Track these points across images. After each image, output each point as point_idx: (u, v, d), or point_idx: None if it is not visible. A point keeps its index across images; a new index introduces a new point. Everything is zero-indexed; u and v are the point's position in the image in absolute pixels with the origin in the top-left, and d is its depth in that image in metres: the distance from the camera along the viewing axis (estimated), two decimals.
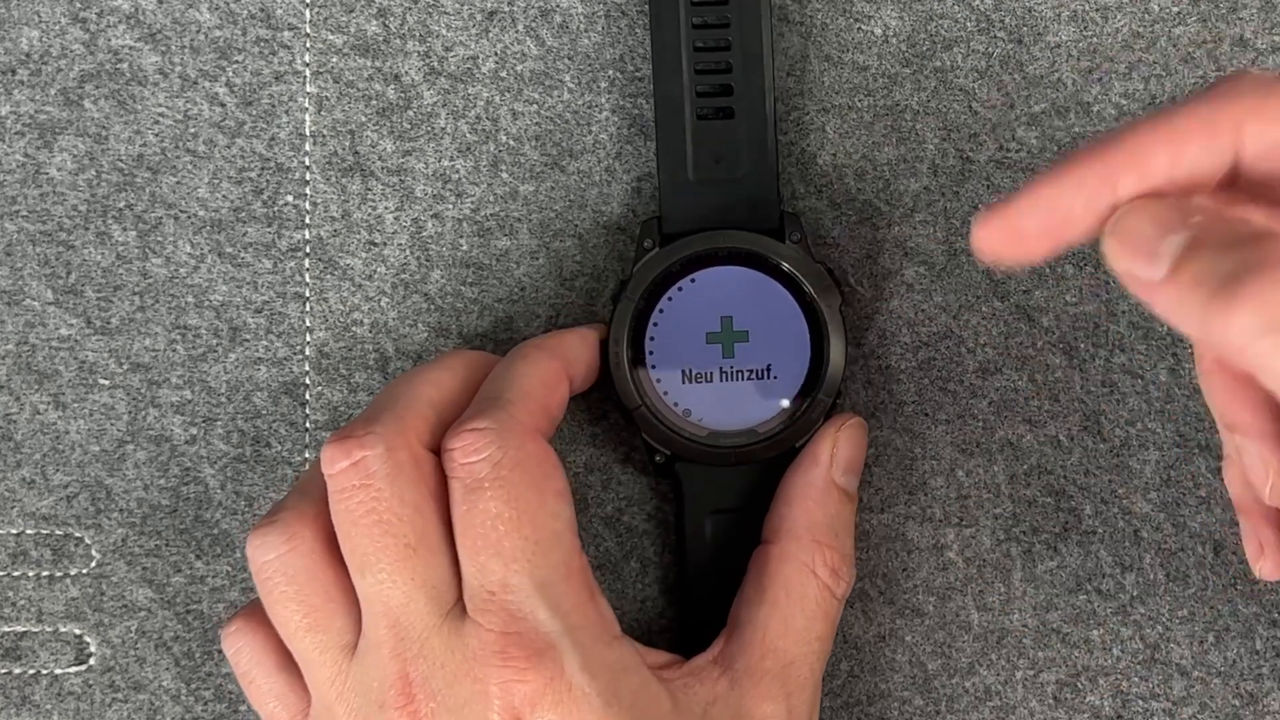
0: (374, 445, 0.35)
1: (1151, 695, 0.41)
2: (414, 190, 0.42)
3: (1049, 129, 0.42)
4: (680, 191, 0.40)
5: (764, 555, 0.38)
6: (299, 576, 0.36)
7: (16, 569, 0.42)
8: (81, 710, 0.41)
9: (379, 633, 0.35)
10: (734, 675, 0.36)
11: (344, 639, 0.36)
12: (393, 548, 0.35)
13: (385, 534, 0.35)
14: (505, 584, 0.34)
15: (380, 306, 0.42)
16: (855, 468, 0.39)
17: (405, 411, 0.36)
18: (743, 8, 0.40)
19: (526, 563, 0.34)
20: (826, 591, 0.38)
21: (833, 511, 0.38)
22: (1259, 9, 0.42)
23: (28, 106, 0.42)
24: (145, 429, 0.42)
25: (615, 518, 0.42)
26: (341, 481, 0.35)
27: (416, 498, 0.35)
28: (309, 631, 0.36)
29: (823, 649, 0.38)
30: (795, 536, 0.38)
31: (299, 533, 0.36)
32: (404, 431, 0.36)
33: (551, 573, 0.35)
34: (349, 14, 0.42)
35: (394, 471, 0.35)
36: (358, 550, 0.35)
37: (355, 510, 0.35)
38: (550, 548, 0.35)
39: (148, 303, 0.42)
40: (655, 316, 0.39)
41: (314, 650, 0.36)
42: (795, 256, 0.39)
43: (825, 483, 0.39)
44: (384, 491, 0.35)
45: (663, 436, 0.39)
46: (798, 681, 0.37)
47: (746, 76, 0.40)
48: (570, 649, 0.34)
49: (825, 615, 0.38)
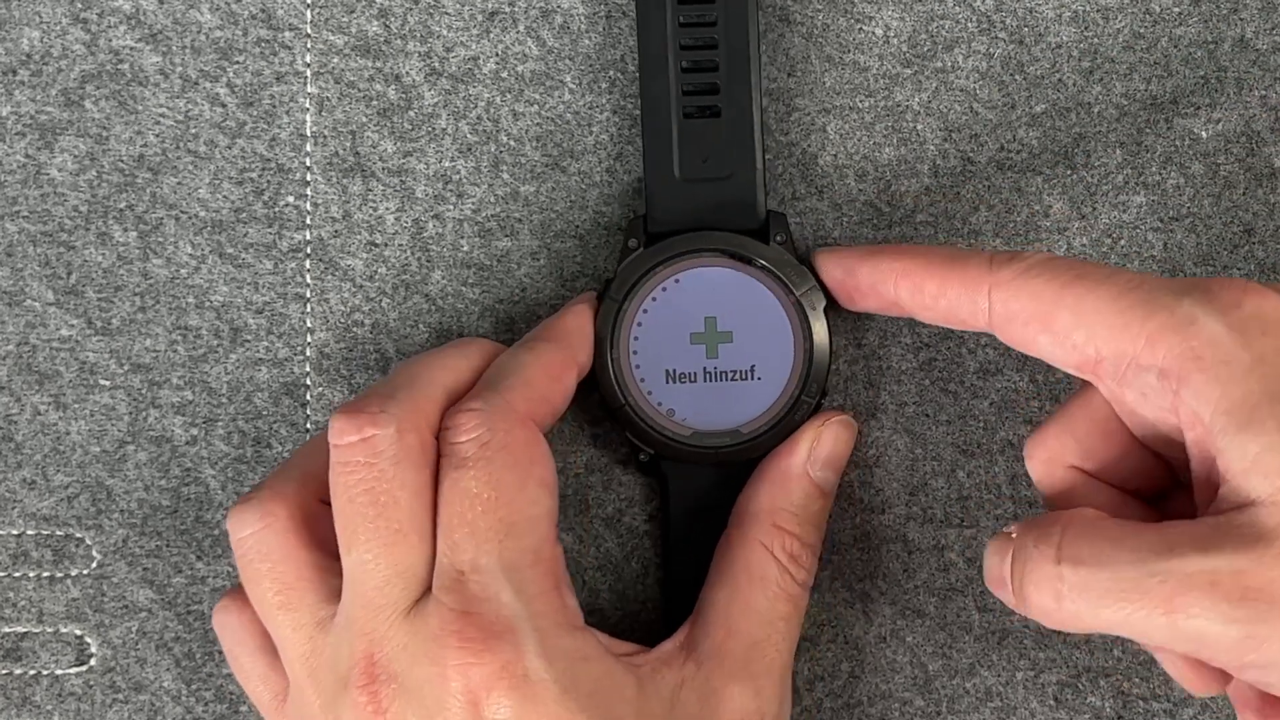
0: (386, 424, 0.35)
1: (1152, 695, 0.41)
2: (415, 191, 0.42)
3: (1049, 129, 0.42)
4: (666, 190, 0.40)
5: (726, 539, 0.38)
6: (273, 554, 0.36)
7: (17, 569, 0.42)
8: (82, 711, 0.41)
9: (354, 610, 0.35)
10: (699, 658, 0.36)
11: (317, 615, 0.36)
12: (383, 530, 0.35)
13: (379, 515, 0.35)
14: (474, 564, 0.34)
15: (381, 307, 0.42)
16: (835, 464, 0.39)
17: (420, 395, 0.36)
18: (729, 7, 0.40)
19: (497, 544, 0.35)
20: (786, 575, 0.37)
21: (798, 499, 0.38)
22: (1259, 9, 0.42)
23: (28, 107, 0.42)
24: (146, 430, 0.42)
25: (615, 518, 0.42)
26: (347, 455, 0.35)
27: (417, 483, 0.35)
28: (281, 609, 0.36)
29: (787, 631, 0.37)
30: (757, 519, 0.38)
31: (274, 510, 0.36)
32: (416, 414, 0.36)
33: (520, 557, 0.35)
34: (350, 14, 0.42)
35: (401, 454, 0.35)
36: (349, 526, 0.35)
37: (355, 486, 0.35)
38: (523, 533, 0.35)
39: (148, 303, 0.42)
40: (639, 316, 0.39)
41: (287, 627, 0.36)
42: (779, 257, 0.39)
43: (798, 471, 0.38)
44: (387, 472, 0.35)
45: (646, 436, 0.39)
46: (764, 663, 0.37)
47: (733, 76, 0.40)
48: (529, 634, 0.34)
49: (788, 598, 0.37)
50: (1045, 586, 0.32)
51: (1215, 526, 0.31)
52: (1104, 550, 0.31)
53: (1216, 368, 0.31)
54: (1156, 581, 0.30)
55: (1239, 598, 0.29)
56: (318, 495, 0.37)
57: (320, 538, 0.36)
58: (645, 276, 0.39)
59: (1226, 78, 0.41)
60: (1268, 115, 0.41)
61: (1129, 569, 0.31)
